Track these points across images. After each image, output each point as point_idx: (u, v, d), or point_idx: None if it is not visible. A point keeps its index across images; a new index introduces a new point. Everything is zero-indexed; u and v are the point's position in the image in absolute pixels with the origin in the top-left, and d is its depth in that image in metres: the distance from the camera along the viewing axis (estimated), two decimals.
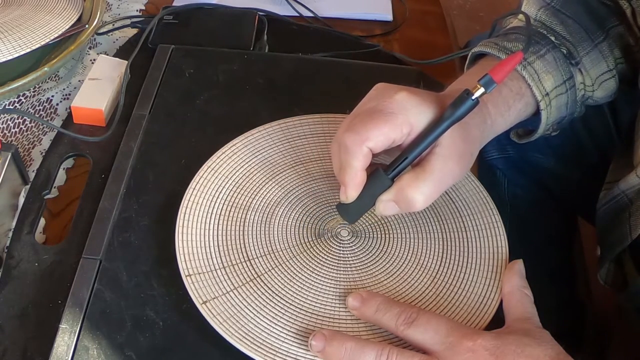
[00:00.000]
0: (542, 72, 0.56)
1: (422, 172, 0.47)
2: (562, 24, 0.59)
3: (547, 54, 0.57)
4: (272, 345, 0.46)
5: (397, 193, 0.48)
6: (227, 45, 0.73)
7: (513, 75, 0.56)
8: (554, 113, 0.58)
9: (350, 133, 0.48)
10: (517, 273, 0.50)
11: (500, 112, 0.54)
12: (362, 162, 0.48)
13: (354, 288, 0.50)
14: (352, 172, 0.48)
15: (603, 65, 0.59)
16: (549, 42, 0.58)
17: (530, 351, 0.43)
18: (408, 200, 0.48)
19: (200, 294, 0.49)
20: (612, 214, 0.64)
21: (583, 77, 0.59)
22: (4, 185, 0.56)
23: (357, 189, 0.49)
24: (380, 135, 0.47)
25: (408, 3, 0.88)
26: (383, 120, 0.47)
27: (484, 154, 0.81)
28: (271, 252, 0.52)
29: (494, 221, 0.55)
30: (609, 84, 0.60)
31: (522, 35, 0.58)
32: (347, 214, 0.52)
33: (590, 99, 0.61)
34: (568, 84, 0.57)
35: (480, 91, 0.46)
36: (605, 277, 0.68)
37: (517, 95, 0.56)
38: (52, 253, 0.54)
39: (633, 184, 0.60)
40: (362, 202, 0.50)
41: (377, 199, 0.49)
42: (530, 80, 0.55)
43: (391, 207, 0.49)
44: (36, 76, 0.66)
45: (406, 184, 0.48)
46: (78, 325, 0.49)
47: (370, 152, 0.48)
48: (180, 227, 0.53)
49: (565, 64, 0.57)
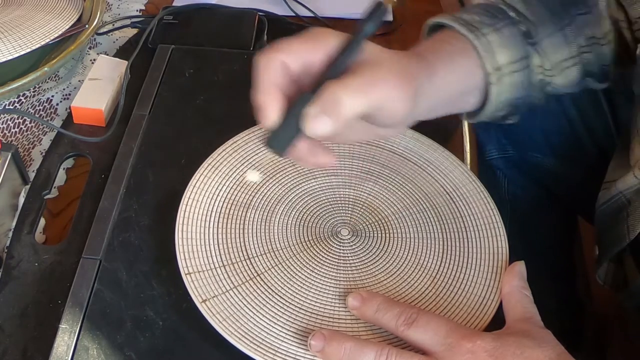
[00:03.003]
0: (496, 45, 0.53)
1: (348, 74, 0.44)
2: (525, 2, 0.56)
3: (504, 28, 0.54)
4: (272, 344, 0.46)
5: (322, 98, 0.43)
6: (227, 45, 0.73)
7: (457, 37, 0.53)
8: (506, 91, 0.55)
9: (263, 51, 0.45)
10: (517, 274, 0.50)
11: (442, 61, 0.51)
12: (273, 74, 0.44)
13: (354, 288, 0.50)
14: (264, 87, 0.44)
15: (565, 50, 0.57)
16: (507, 17, 0.55)
17: (530, 353, 0.43)
18: (333, 101, 0.42)
19: (200, 292, 0.49)
20: (610, 214, 0.64)
21: (541, 59, 0.56)
22: (4, 185, 0.56)
23: (273, 106, 0.44)
24: (294, 48, 0.45)
25: (408, 3, 0.88)
26: (299, 38, 0.45)
27: (484, 154, 0.81)
28: (271, 251, 0.52)
29: (494, 221, 0.55)
30: (571, 71, 0.58)
31: (481, 9, 0.56)
32: (275, 144, 0.46)
33: (550, 86, 0.58)
34: (523, 62, 0.54)
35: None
36: (604, 277, 0.68)
37: (461, 51, 0.53)
38: (52, 253, 0.55)
39: (631, 184, 0.60)
40: (289, 126, 0.45)
41: (304, 115, 0.44)
42: (483, 51, 0.53)
43: (319, 119, 0.43)
44: (36, 76, 0.66)
45: (332, 84, 0.43)
46: (78, 325, 0.49)
47: (285, 66, 0.44)
48: (180, 224, 0.53)
49: (523, 42, 0.55)
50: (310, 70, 0.45)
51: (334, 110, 0.43)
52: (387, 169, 0.59)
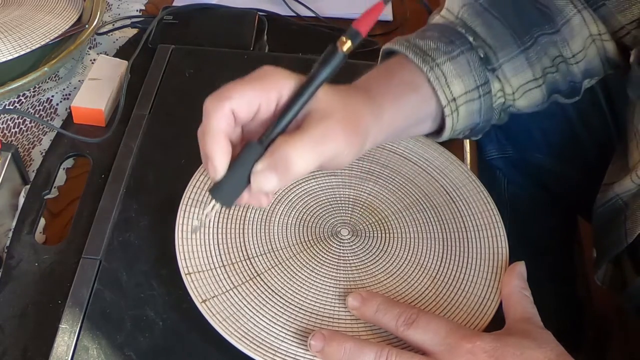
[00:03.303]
0: (451, 75, 0.52)
1: (298, 131, 0.43)
2: (485, 24, 0.54)
3: (460, 55, 0.53)
4: (272, 344, 0.46)
5: (271, 156, 0.43)
6: (227, 45, 0.73)
7: (409, 69, 0.52)
8: (463, 120, 0.54)
9: (211, 96, 0.44)
10: (517, 275, 0.50)
11: (388, 98, 0.50)
12: (222, 123, 0.43)
13: (354, 288, 0.50)
14: (212, 136, 0.43)
15: (528, 73, 0.55)
16: (465, 42, 0.54)
17: (530, 353, 0.43)
18: (285, 161, 0.42)
19: (200, 292, 0.49)
20: (607, 216, 0.64)
21: (502, 84, 0.55)
22: (4, 185, 0.56)
23: (221, 156, 0.43)
24: (242, 95, 0.43)
25: (408, 3, 0.88)
26: (246, 82, 0.44)
27: (484, 154, 0.81)
28: (271, 251, 0.52)
29: (494, 221, 0.55)
30: (533, 93, 0.56)
31: (436, 33, 0.54)
32: (220, 195, 0.45)
33: (513, 107, 0.57)
34: (482, 89, 0.53)
35: (347, 45, 0.44)
36: (602, 279, 0.68)
37: (409, 85, 0.52)
38: (52, 253, 0.55)
39: (628, 188, 0.60)
40: (236, 178, 0.44)
41: (251, 171, 0.44)
42: (436, 83, 0.52)
43: (268, 177, 0.43)
44: (36, 76, 0.66)
45: (281, 142, 0.43)
46: (78, 325, 0.49)
47: (233, 114, 0.43)
48: (180, 224, 0.53)
49: (481, 68, 0.53)
50: (258, 116, 0.45)
51: (284, 170, 0.43)
52: (387, 169, 0.59)
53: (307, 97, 0.44)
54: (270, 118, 0.45)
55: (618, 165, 0.65)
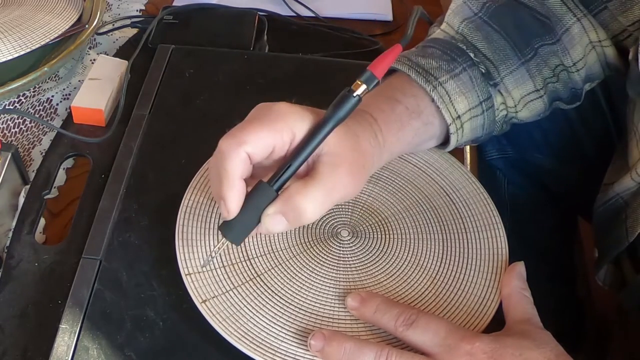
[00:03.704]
0: (454, 93, 0.53)
1: (310, 180, 0.45)
2: (486, 39, 0.55)
3: (463, 72, 0.53)
4: (271, 344, 0.46)
5: (284, 203, 0.44)
6: (227, 45, 0.73)
7: (412, 92, 0.53)
8: (467, 135, 0.55)
9: (227, 138, 0.45)
10: (517, 275, 0.50)
11: (391, 129, 0.51)
12: (239, 168, 0.44)
13: (354, 288, 0.50)
14: (228, 180, 0.44)
15: (529, 85, 0.56)
16: (467, 59, 0.54)
17: (529, 354, 0.43)
18: (297, 210, 0.44)
19: (200, 292, 0.49)
20: (608, 215, 0.64)
21: (504, 97, 0.56)
22: (4, 185, 0.56)
23: (236, 200, 0.44)
24: (258, 139, 0.44)
25: (408, 3, 0.88)
26: (261, 124, 0.45)
27: (484, 154, 0.81)
28: (271, 252, 0.52)
29: (494, 222, 0.55)
30: (535, 104, 0.57)
31: (438, 50, 0.54)
32: (231, 233, 0.46)
33: (515, 119, 0.58)
34: (485, 104, 0.54)
35: (362, 88, 0.45)
36: (603, 278, 0.69)
37: (413, 113, 0.53)
38: (52, 253, 0.55)
39: (628, 186, 0.60)
40: (246, 218, 0.45)
41: (263, 213, 0.45)
42: (440, 102, 0.52)
43: (279, 221, 0.45)
44: (36, 76, 0.66)
45: (294, 192, 0.44)
46: (78, 325, 0.49)
47: (249, 158, 0.44)
48: (180, 225, 0.53)
49: (483, 84, 0.54)
50: (271, 155, 0.46)
51: (296, 217, 0.45)
52: (387, 171, 0.59)
53: (319, 141, 0.45)
54: (282, 158, 0.46)
55: (618, 165, 0.65)
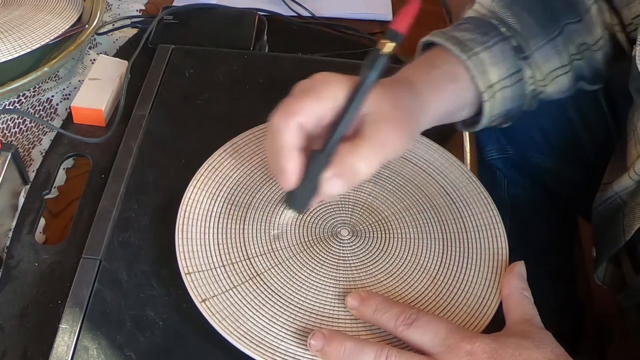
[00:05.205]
0: (488, 63, 0.55)
1: (357, 139, 0.46)
2: (515, 16, 0.58)
3: (495, 45, 0.56)
4: (271, 344, 0.46)
5: (338, 165, 0.46)
6: (227, 45, 0.73)
7: (449, 60, 0.55)
8: (499, 105, 0.57)
9: (278, 113, 0.47)
10: (517, 275, 0.50)
11: (430, 89, 0.53)
12: (295, 139, 0.46)
13: (354, 288, 0.50)
14: (286, 152, 0.46)
15: (556, 61, 0.58)
16: (498, 33, 0.57)
17: (529, 354, 0.43)
18: (351, 170, 0.46)
19: (200, 292, 0.49)
20: (606, 215, 0.64)
21: (533, 71, 0.57)
22: (4, 185, 0.56)
23: (295, 170, 0.46)
24: (307, 108, 0.46)
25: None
26: (306, 94, 0.47)
27: (484, 154, 0.81)
28: (271, 251, 0.52)
29: (494, 222, 0.55)
30: (561, 80, 0.59)
31: (471, 26, 0.57)
32: (294, 204, 0.50)
33: (542, 94, 0.60)
34: (515, 77, 0.56)
35: (388, 45, 0.46)
36: (602, 278, 0.69)
37: (450, 76, 0.55)
38: (52, 253, 0.55)
39: (626, 185, 0.60)
40: (307, 187, 0.47)
41: (319, 178, 0.47)
42: (475, 70, 0.54)
43: (337, 184, 0.47)
44: (36, 76, 0.66)
45: (345, 152, 0.46)
46: (78, 325, 0.49)
47: (302, 128, 0.46)
48: (180, 224, 0.53)
49: (514, 57, 0.56)
50: (321, 124, 0.47)
51: (351, 177, 0.46)
52: (387, 170, 0.59)
53: (359, 102, 0.46)
54: (329, 124, 0.47)
55: (617, 164, 0.65)
